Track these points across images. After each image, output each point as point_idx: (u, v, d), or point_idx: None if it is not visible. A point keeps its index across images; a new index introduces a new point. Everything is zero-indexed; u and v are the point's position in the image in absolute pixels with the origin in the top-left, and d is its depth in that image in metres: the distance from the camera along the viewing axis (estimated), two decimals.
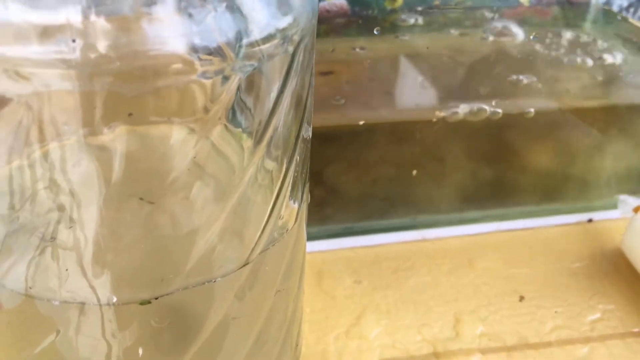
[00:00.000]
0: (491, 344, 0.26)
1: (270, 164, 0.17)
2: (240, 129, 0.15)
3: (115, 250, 0.15)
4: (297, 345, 0.22)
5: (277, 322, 0.19)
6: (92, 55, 0.12)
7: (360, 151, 0.28)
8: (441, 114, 0.27)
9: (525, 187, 0.33)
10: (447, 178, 0.31)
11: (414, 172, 0.29)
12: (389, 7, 0.41)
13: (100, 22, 0.12)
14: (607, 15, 0.43)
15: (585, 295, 0.28)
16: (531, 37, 0.32)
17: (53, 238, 0.15)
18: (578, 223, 0.33)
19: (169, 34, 0.13)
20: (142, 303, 0.16)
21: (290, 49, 0.15)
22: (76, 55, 0.12)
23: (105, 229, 0.15)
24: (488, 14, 0.41)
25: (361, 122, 0.27)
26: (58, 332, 0.16)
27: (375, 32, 0.37)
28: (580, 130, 0.32)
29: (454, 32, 0.39)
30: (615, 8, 0.46)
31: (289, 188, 0.17)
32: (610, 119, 0.33)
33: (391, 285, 0.29)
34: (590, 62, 0.35)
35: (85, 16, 0.12)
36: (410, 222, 0.31)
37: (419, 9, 0.41)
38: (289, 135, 0.17)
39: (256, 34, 0.14)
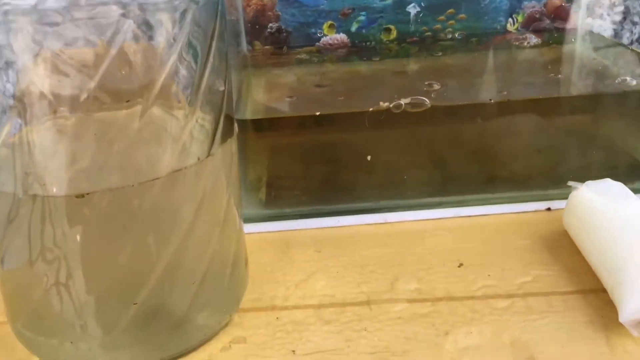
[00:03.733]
0: (419, 296, 0.29)
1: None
2: None
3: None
4: (242, 260, 0.27)
5: (207, 222, 0.25)
6: None
7: (321, 139, 0.34)
8: (387, 104, 0.32)
9: (486, 176, 0.36)
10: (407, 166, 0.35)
11: (369, 157, 0.33)
12: (385, 39, 0.47)
13: None
14: (591, 37, 0.46)
15: (522, 264, 0.31)
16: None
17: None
18: (536, 211, 0.36)
19: None
20: (78, 196, 0.22)
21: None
22: None
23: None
24: (474, 42, 0.46)
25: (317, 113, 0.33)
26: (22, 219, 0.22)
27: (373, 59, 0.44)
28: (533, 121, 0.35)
29: (440, 55, 0.44)
30: (625, 41, 0.49)
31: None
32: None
33: (345, 254, 0.33)
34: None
35: None
36: (373, 206, 0.35)
37: (412, 39, 0.47)
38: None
39: None
